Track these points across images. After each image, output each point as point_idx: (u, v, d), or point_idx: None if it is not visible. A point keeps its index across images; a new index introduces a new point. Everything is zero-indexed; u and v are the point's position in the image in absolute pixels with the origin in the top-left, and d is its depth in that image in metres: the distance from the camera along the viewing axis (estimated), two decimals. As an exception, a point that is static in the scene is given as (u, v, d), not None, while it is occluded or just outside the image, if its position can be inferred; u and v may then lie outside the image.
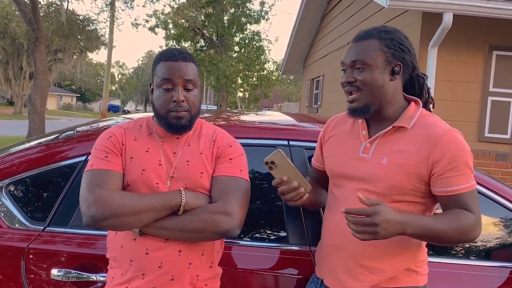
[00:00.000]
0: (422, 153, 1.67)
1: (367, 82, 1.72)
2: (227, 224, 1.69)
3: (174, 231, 1.70)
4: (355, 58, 1.74)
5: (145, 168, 1.76)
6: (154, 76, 1.82)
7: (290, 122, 2.58)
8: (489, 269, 2.18)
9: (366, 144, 1.79)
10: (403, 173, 1.68)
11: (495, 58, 6.63)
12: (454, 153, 1.65)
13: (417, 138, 1.70)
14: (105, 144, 1.78)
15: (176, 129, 1.79)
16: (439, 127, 1.70)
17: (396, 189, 1.70)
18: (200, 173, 1.79)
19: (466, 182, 1.67)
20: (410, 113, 1.75)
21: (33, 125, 14.55)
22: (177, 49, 1.83)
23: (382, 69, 1.72)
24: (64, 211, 2.11)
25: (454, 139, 1.67)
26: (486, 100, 6.67)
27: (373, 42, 1.73)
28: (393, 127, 1.74)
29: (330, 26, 11.70)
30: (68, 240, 2.07)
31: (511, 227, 2.28)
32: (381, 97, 1.74)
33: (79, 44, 24.38)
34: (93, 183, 1.68)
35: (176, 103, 1.75)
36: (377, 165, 1.73)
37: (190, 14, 21.91)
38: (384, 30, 1.76)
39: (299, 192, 1.80)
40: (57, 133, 2.63)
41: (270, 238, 2.18)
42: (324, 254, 1.88)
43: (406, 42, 1.77)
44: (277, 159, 1.78)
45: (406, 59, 1.75)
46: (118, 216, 1.62)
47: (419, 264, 1.79)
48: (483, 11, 5.97)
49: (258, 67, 23.46)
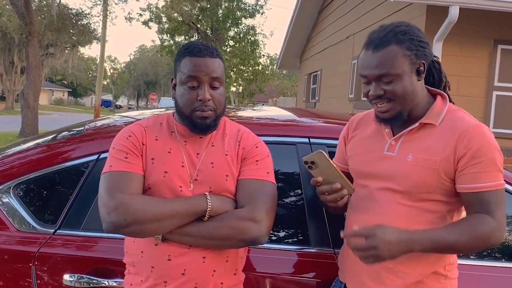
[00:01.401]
0: (448, 148, 1.60)
1: (399, 93, 1.62)
2: (255, 231, 1.60)
3: (198, 238, 1.61)
4: (380, 71, 1.61)
5: (168, 170, 1.66)
6: (178, 72, 1.70)
7: (311, 119, 2.48)
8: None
9: (391, 142, 1.71)
10: (429, 170, 1.61)
11: (500, 52, 6.59)
12: (479, 148, 1.57)
13: (443, 133, 1.63)
14: (125, 144, 1.67)
15: (201, 129, 1.68)
16: (466, 121, 1.62)
17: (422, 186, 1.62)
18: (225, 176, 1.70)
19: (490, 180, 1.57)
20: (437, 109, 1.68)
21: (26, 120, 14.45)
22: (203, 44, 1.71)
23: (409, 74, 1.63)
24: (76, 213, 2.01)
25: (480, 134, 1.59)
26: (491, 94, 6.62)
27: (394, 48, 1.61)
28: (419, 123, 1.66)
29: (328, 20, 11.61)
30: (80, 244, 1.98)
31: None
32: (413, 101, 1.66)
33: (72, 38, 24.19)
34: (113, 187, 1.57)
35: (202, 102, 1.64)
36: (402, 162, 1.66)
37: (184, 8, 21.75)
38: (400, 31, 1.64)
39: (342, 193, 1.71)
40: (62, 131, 2.52)
41: (291, 240, 2.09)
42: (347, 257, 1.81)
43: (422, 36, 1.67)
44: (318, 159, 1.68)
45: (427, 54, 1.66)
46: (141, 222, 1.53)
47: (448, 268, 1.70)
48: (489, 4, 5.91)
49: (252, 62, 23.38)
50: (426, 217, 1.65)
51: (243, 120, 2.30)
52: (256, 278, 1.95)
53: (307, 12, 12.90)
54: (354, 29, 9.36)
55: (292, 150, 2.16)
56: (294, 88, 33.17)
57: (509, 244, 2.16)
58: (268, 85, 30.10)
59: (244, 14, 22.61)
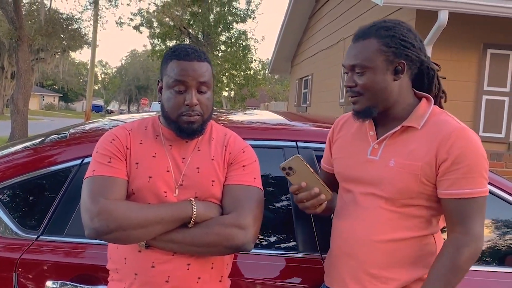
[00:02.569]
0: (430, 153, 1.56)
1: (368, 86, 1.61)
2: (241, 238, 1.57)
3: (183, 245, 1.57)
4: (354, 62, 1.62)
5: (152, 175, 1.63)
6: (165, 75, 1.66)
7: (298, 123, 2.46)
8: (506, 275, 2.07)
9: (374, 145, 1.69)
10: (411, 175, 1.58)
11: (489, 56, 6.62)
12: (461, 153, 1.52)
13: (426, 137, 1.59)
14: (108, 148, 1.64)
15: (187, 134, 1.65)
16: (450, 125, 1.58)
17: (405, 192, 1.60)
18: (211, 181, 1.66)
19: (471, 186, 1.53)
20: (420, 111, 1.64)
21: (16, 125, 14.33)
22: (190, 47, 1.67)
23: (383, 71, 1.60)
24: (59, 218, 1.97)
25: (464, 138, 1.54)
26: (480, 98, 6.64)
27: (372, 42, 1.60)
28: (401, 127, 1.64)
29: (319, 25, 11.64)
30: (63, 250, 1.93)
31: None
32: (385, 99, 1.63)
33: (62, 43, 24.07)
34: (96, 192, 1.54)
35: (189, 107, 1.61)
36: (385, 168, 1.63)
37: (175, 12, 21.72)
38: (384, 26, 1.63)
39: (320, 199, 1.70)
40: (47, 135, 2.48)
41: (278, 246, 2.06)
42: (333, 262, 1.78)
43: (409, 36, 1.63)
44: (295, 165, 1.67)
45: (409, 55, 1.62)
46: (124, 229, 1.49)
47: None
48: (478, 8, 5.94)
49: (244, 66, 23.37)
50: (410, 222, 1.63)
51: (230, 124, 2.27)
52: (242, 284, 1.92)
53: (298, 17, 12.92)
54: (344, 34, 9.37)
55: (280, 154, 2.14)
56: (285, 92, 33.21)
57: (499, 249, 2.15)
58: (260, 90, 30.12)
59: (235, 19, 22.59)
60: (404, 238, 1.62)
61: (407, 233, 1.62)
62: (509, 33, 6.59)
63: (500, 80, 6.65)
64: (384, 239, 1.62)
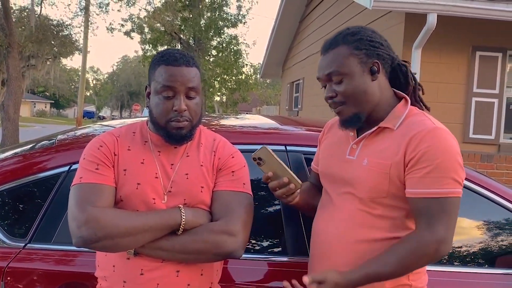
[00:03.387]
0: (400, 152, 1.56)
1: (349, 93, 1.62)
2: (230, 245, 1.56)
3: (172, 252, 1.56)
4: (328, 70, 1.64)
5: (141, 182, 1.61)
6: (153, 81, 1.64)
7: (288, 127, 2.46)
8: (495, 277, 2.09)
9: (353, 145, 1.70)
10: (381, 174, 1.58)
11: (478, 58, 6.64)
12: (428, 151, 1.50)
13: (399, 137, 1.59)
14: (96, 155, 1.62)
15: (176, 140, 1.64)
16: (423, 125, 1.56)
17: (376, 191, 1.59)
18: (200, 187, 1.65)
19: (437, 186, 1.50)
20: (397, 112, 1.65)
21: (7, 133, 14.25)
22: (179, 52, 1.66)
23: (360, 73, 1.61)
24: (47, 226, 1.96)
25: (434, 137, 1.52)
26: (470, 101, 6.67)
27: (342, 48, 1.63)
28: (378, 127, 1.64)
29: (309, 29, 11.67)
30: (51, 258, 1.92)
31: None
32: (368, 102, 1.64)
33: (53, 49, 23.97)
34: (83, 200, 1.52)
35: (178, 112, 1.60)
36: (359, 167, 1.64)
37: (166, 18, 21.70)
38: (349, 33, 1.65)
39: (289, 188, 1.69)
40: (34, 142, 2.46)
41: (268, 250, 2.06)
42: (311, 263, 1.79)
43: (375, 36, 1.66)
44: (263, 155, 1.69)
45: (381, 54, 1.64)
46: (112, 237, 1.48)
47: (413, 277, 1.64)
48: (467, 11, 5.96)
49: (236, 71, 23.38)
50: (385, 223, 1.61)
51: (219, 128, 2.27)
52: (232, 289, 1.91)
53: (288, 22, 12.94)
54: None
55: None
56: (277, 96, 33.25)
57: (485, 250, 2.16)
58: (252, 94, 30.11)
59: (226, 24, 22.62)
60: (378, 239, 1.61)
61: (381, 234, 1.61)
62: (497, 35, 6.64)
63: (489, 82, 6.68)
64: (358, 239, 1.62)
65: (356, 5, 7.79)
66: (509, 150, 6.74)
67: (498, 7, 5.97)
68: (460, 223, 2.19)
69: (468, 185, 2.12)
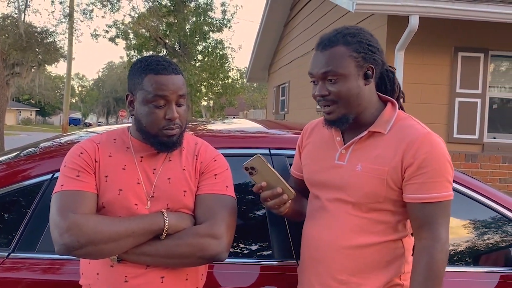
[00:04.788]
0: (396, 157, 1.58)
1: (343, 94, 1.61)
2: (214, 248, 1.56)
3: (156, 257, 1.56)
4: (325, 69, 1.61)
5: (122, 188, 1.61)
6: (140, 90, 1.62)
7: (272, 130, 2.47)
8: (478, 275, 2.11)
9: (342, 150, 1.70)
10: (378, 180, 1.59)
11: (460, 59, 6.70)
12: (426, 158, 1.54)
13: (392, 142, 1.60)
14: (76, 162, 1.61)
15: (167, 147, 1.64)
16: (416, 130, 1.60)
17: (372, 197, 1.61)
18: (183, 191, 1.65)
19: (437, 190, 1.55)
20: (386, 117, 1.66)
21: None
22: (164, 59, 1.65)
23: (355, 76, 1.61)
24: (30, 235, 1.94)
25: (429, 143, 1.56)
26: (453, 101, 6.72)
27: (341, 49, 1.61)
28: (368, 132, 1.65)
29: (294, 32, 11.71)
30: (35, 267, 1.90)
31: (497, 229, 2.21)
32: (358, 105, 1.64)
33: (37, 57, 23.80)
34: (65, 207, 1.51)
35: (170, 121, 1.60)
36: (352, 172, 1.64)
37: (151, 23, 21.65)
38: (349, 33, 1.64)
39: (282, 198, 1.68)
40: (18, 150, 2.44)
41: (254, 254, 2.07)
42: (302, 269, 1.79)
43: (373, 41, 1.66)
44: (257, 164, 1.66)
45: (376, 59, 1.65)
46: (95, 243, 1.47)
47: (404, 277, 1.67)
48: (448, 13, 6.02)
49: (222, 75, 23.38)
50: (378, 228, 1.63)
51: (204, 133, 2.27)
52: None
53: (273, 25, 12.97)
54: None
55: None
56: (264, 100, 33.28)
57: (473, 249, 2.18)
58: (239, 98, 30.14)
59: (211, 28, 22.63)
60: (372, 243, 1.63)
61: (375, 239, 1.63)
62: (479, 36, 6.71)
63: (472, 82, 6.75)
64: (352, 244, 1.63)
65: (340, 8, 7.83)
66: (493, 149, 6.81)
67: (479, 8, 6.05)
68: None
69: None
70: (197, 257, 1.57)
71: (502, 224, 2.21)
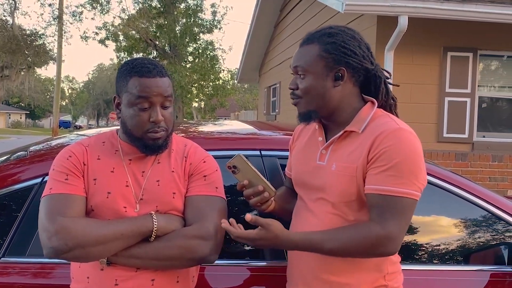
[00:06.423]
0: (364, 154, 1.57)
1: (307, 90, 1.64)
2: (204, 249, 1.57)
3: (146, 260, 1.56)
4: (296, 64, 1.67)
5: (111, 191, 1.61)
6: (125, 92, 1.62)
7: (264, 132, 2.47)
8: (468, 274, 2.13)
9: (322, 150, 1.70)
10: (348, 177, 1.59)
11: (450, 59, 6.75)
12: (388, 151, 1.51)
13: (364, 140, 1.59)
14: (65, 165, 1.61)
15: (152, 150, 1.64)
16: (387, 126, 1.57)
17: (345, 195, 1.60)
18: (172, 193, 1.65)
19: (391, 185, 1.50)
20: (362, 115, 1.65)
21: (-19, 145, 14.00)
22: (150, 61, 1.65)
23: (322, 76, 1.62)
24: (20, 239, 1.93)
25: (395, 138, 1.53)
26: (443, 100, 6.77)
27: (314, 47, 1.64)
28: (344, 132, 1.65)
29: (284, 33, 11.73)
30: (26, 271, 1.90)
31: (487, 228, 2.23)
32: (324, 105, 1.65)
33: (27, 59, 23.68)
34: (53, 210, 1.51)
35: (155, 123, 1.60)
36: (329, 172, 1.64)
37: (141, 25, 21.61)
38: (327, 32, 1.65)
39: (264, 196, 1.69)
40: (8, 153, 2.43)
41: (244, 255, 2.07)
42: (289, 269, 1.80)
43: (351, 43, 1.64)
44: (238, 163, 1.69)
45: (350, 62, 1.63)
46: (83, 246, 1.47)
47: (389, 277, 1.66)
48: (437, 13, 6.07)
49: (213, 77, 23.36)
50: None
51: (195, 135, 2.27)
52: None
53: (263, 26, 12.99)
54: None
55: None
56: (255, 101, 33.29)
57: (463, 248, 2.20)
58: (230, 99, 30.12)
59: (201, 29, 22.62)
60: None
61: None
62: (467, 36, 6.76)
63: (461, 81, 6.80)
64: None
65: (329, 9, 7.85)
66: (482, 148, 6.86)
67: (468, 8, 6.09)
68: (433, 222, 2.23)
69: (435, 181, 2.16)
70: (186, 259, 1.57)
71: (492, 223, 2.22)
